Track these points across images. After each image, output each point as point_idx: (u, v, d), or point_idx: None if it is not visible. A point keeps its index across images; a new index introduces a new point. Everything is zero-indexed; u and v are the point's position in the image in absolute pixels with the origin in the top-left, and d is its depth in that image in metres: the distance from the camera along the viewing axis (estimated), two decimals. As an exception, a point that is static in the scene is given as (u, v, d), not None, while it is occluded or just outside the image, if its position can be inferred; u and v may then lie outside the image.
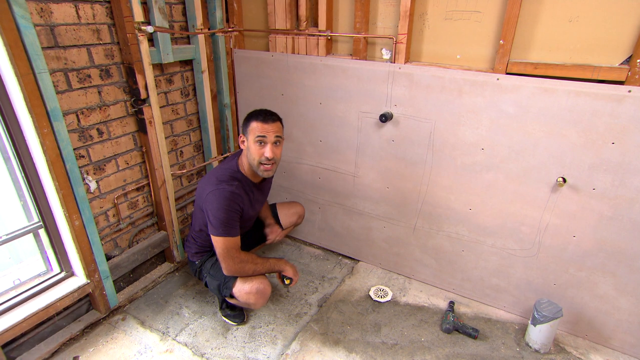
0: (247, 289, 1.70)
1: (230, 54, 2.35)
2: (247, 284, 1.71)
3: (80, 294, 1.85)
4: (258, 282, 1.72)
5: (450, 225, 2.03)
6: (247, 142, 1.67)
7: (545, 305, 1.76)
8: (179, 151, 2.32)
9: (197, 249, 1.89)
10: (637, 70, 1.43)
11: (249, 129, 1.65)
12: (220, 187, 1.63)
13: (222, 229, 1.60)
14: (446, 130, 1.84)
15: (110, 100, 1.85)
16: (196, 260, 1.90)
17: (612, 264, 1.69)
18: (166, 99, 2.15)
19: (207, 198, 1.64)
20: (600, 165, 1.57)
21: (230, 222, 1.62)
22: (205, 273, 1.86)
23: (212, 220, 1.62)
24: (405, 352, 1.81)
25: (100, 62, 1.78)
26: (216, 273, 1.79)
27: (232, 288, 1.72)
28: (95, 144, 1.85)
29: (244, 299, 1.72)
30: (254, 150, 1.64)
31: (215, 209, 1.60)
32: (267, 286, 1.74)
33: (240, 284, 1.71)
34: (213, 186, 1.64)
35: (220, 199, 1.60)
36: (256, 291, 1.71)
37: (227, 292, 1.75)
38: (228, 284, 1.74)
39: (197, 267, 1.90)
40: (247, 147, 1.68)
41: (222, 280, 1.76)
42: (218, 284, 1.77)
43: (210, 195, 1.62)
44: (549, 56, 1.58)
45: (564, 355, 1.81)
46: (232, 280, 1.73)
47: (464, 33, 1.72)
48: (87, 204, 1.76)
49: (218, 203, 1.60)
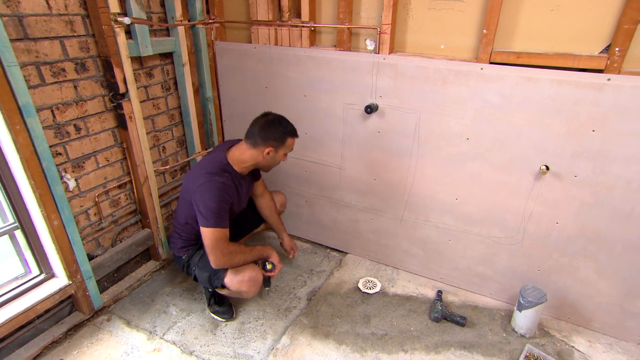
0: (240, 277, 1.69)
1: (211, 46, 2.29)
2: (239, 272, 1.70)
3: (62, 295, 1.79)
4: (249, 270, 1.71)
5: (436, 215, 2.04)
6: (274, 154, 1.73)
7: (530, 291, 1.80)
8: (162, 147, 2.26)
9: (182, 244, 1.86)
10: (616, 58, 1.46)
11: (285, 145, 1.73)
12: (212, 178, 1.63)
13: (213, 219, 1.59)
14: (431, 120, 1.85)
15: (87, 95, 1.79)
16: (182, 255, 1.87)
17: (593, 249, 1.74)
18: (146, 94, 2.09)
19: (197, 189, 1.63)
20: (581, 153, 1.60)
21: (221, 213, 1.62)
22: (193, 267, 1.83)
23: (202, 211, 1.60)
24: (395, 342, 1.82)
25: (75, 55, 1.71)
26: (205, 265, 1.76)
27: (223, 278, 1.70)
28: (72, 141, 1.78)
29: (236, 288, 1.71)
30: (280, 159, 1.78)
31: (207, 200, 1.59)
32: (258, 274, 1.74)
33: (232, 274, 1.70)
34: (204, 178, 1.64)
35: (211, 190, 1.61)
36: (248, 279, 1.70)
37: (218, 282, 1.73)
38: (219, 274, 1.72)
39: (184, 262, 1.87)
40: (272, 157, 1.74)
41: (212, 271, 1.73)
42: (208, 275, 1.75)
43: (201, 187, 1.62)
44: (532, 45, 1.60)
45: (548, 338, 1.85)
46: (223, 270, 1.71)
47: (448, 23, 1.72)
48: (66, 203, 1.70)
49: (209, 194, 1.60)
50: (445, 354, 1.76)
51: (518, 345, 1.80)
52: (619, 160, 1.55)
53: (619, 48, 1.43)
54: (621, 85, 1.44)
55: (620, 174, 1.57)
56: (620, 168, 1.56)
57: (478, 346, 1.80)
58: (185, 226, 1.82)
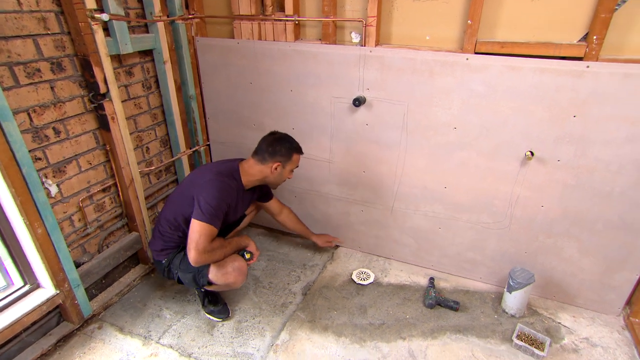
0: (223, 270, 1.71)
1: (192, 42, 2.23)
2: (222, 265, 1.72)
3: (50, 306, 1.73)
4: (231, 260, 1.74)
5: (426, 204, 2.09)
6: (282, 170, 1.80)
7: (519, 272, 1.87)
8: (145, 147, 2.20)
9: (162, 245, 1.82)
10: (594, 46, 1.52)
11: (292, 161, 1.81)
12: (220, 178, 1.69)
13: (208, 215, 1.60)
14: (419, 111, 1.88)
15: (65, 96, 1.71)
16: (162, 259, 1.83)
17: (576, 229, 1.82)
18: (127, 93, 2.02)
19: (204, 184, 1.66)
20: (563, 138, 1.66)
21: (218, 212, 1.63)
22: (175, 270, 1.80)
23: (202, 205, 1.61)
24: (393, 330, 1.86)
25: (51, 55, 1.63)
26: (187, 266, 1.74)
27: (207, 275, 1.71)
28: (52, 145, 1.70)
29: (224, 281, 1.72)
30: (287, 175, 1.85)
31: (211, 196, 1.62)
32: (241, 263, 1.76)
33: (215, 268, 1.71)
34: (213, 175, 1.69)
35: (217, 188, 1.65)
36: (232, 270, 1.72)
37: (203, 280, 1.72)
38: (203, 272, 1.72)
39: (164, 267, 1.83)
40: (279, 173, 1.80)
41: (195, 270, 1.73)
42: (192, 275, 1.74)
43: (209, 182, 1.66)
44: (514, 35, 1.64)
45: (536, 317, 1.94)
46: (206, 267, 1.71)
47: (433, 14, 1.74)
48: (50, 210, 1.63)
49: (214, 190, 1.64)
50: (442, 339, 1.81)
51: (509, 325, 1.88)
52: (598, 144, 1.62)
53: (597, 36, 1.49)
54: (599, 72, 1.51)
55: (599, 157, 1.64)
56: (600, 151, 1.63)
57: (472, 329, 1.86)
58: (171, 223, 1.78)
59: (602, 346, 1.78)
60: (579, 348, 1.77)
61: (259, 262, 2.34)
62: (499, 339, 1.81)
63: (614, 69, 1.48)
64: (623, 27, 1.49)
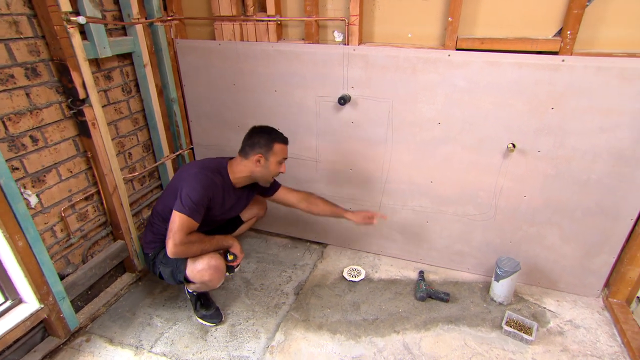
0: (200, 266, 1.67)
1: (172, 44, 2.19)
2: (199, 262, 1.68)
3: (34, 321, 1.66)
4: (208, 257, 1.69)
5: (413, 199, 2.12)
6: (266, 162, 1.73)
7: (506, 261, 1.93)
8: (127, 153, 2.14)
9: (151, 237, 1.81)
10: (568, 41, 1.58)
11: (273, 151, 1.71)
12: (205, 172, 1.68)
13: (188, 207, 1.59)
14: (404, 108, 1.91)
15: (41, 102, 1.65)
16: (149, 252, 1.82)
17: (557, 217, 1.90)
18: (107, 98, 1.96)
19: (188, 177, 1.66)
20: (543, 130, 1.73)
21: (199, 207, 1.61)
22: (158, 264, 1.79)
23: (183, 197, 1.60)
24: (386, 324, 1.89)
25: (24, 60, 1.56)
26: (167, 261, 1.74)
27: (184, 271, 1.69)
28: (30, 154, 1.64)
29: (199, 278, 1.69)
30: (274, 168, 1.75)
31: (192, 188, 1.61)
32: (218, 261, 1.71)
33: (192, 264, 1.68)
34: (198, 169, 1.69)
35: (199, 181, 1.64)
36: (208, 267, 1.68)
37: (180, 275, 1.71)
38: (180, 267, 1.70)
39: (150, 260, 1.83)
40: (264, 165, 1.73)
41: (174, 265, 1.72)
42: (171, 270, 1.73)
43: (193, 176, 1.65)
44: (493, 31, 1.69)
45: (523, 303, 2.00)
46: (184, 262, 1.69)
47: (414, 12, 1.77)
48: (31, 221, 1.56)
49: (196, 184, 1.63)
50: (435, 330, 1.85)
51: (498, 313, 1.94)
52: (575, 134, 1.69)
53: (570, 31, 1.56)
54: (574, 66, 1.58)
55: (576, 147, 1.72)
56: (577, 141, 1.71)
57: (463, 318, 1.91)
58: (160, 216, 1.77)
59: (584, 327, 1.86)
60: (563, 330, 1.84)
61: (249, 264, 2.32)
62: (489, 326, 1.86)
63: (588, 62, 1.55)
64: (594, 22, 1.56)
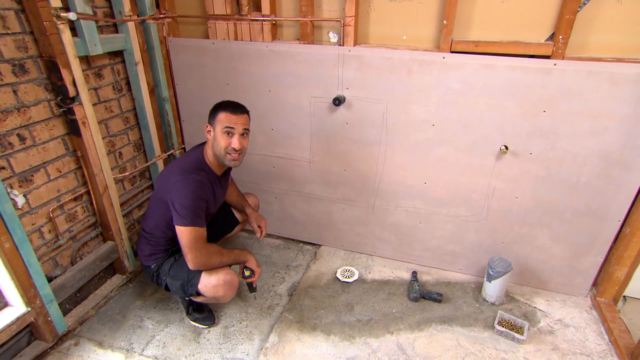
0: (214, 281, 1.63)
1: (164, 42, 2.16)
2: (213, 277, 1.63)
3: (20, 325, 1.61)
4: (224, 273, 1.65)
5: (407, 200, 2.13)
6: (213, 132, 1.62)
7: (497, 262, 1.95)
8: (118, 153, 2.10)
9: (151, 250, 1.75)
10: (560, 45, 1.61)
11: (217, 120, 1.60)
12: (187, 176, 1.58)
13: (189, 218, 1.53)
14: (398, 109, 1.91)
15: (29, 100, 1.60)
16: (151, 265, 1.76)
17: (548, 218, 1.93)
18: (97, 96, 1.92)
19: (173, 187, 1.56)
20: (535, 132, 1.76)
21: (198, 211, 1.56)
22: (163, 276, 1.73)
23: (178, 209, 1.53)
24: (380, 325, 1.89)
25: (11, 56, 1.52)
26: (177, 273, 1.68)
27: (197, 285, 1.63)
28: (17, 153, 1.59)
29: (212, 294, 1.65)
30: (221, 140, 1.60)
31: (183, 197, 1.53)
32: (234, 276, 1.68)
33: (206, 279, 1.63)
34: (179, 175, 1.58)
35: (188, 187, 1.55)
36: (224, 283, 1.64)
37: (192, 289, 1.65)
38: (192, 281, 1.64)
39: (153, 272, 1.76)
40: (213, 137, 1.63)
41: (185, 278, 1.66)
42: (181, 283, 1.67)
43: (177, 184, 1.56)
44: (488, 34, 1.71)
45: (514, 303, 2.03)
46: (196, 276, 1.64)
47: (409, 14, 1.78)
48: (18, 222, 1.52)
49: (186, 191, 1.54)
50: (428, 330, 1.86)
51: (490, 313, 1.96)
52: (566, 137, 1.73)
53: (562, 36, 1.58)
54: (565, 70, 1.61)
55: (567, 149, 1.75)
56: (568, 144, 1.74)
57: (456, 319, 1.92)
58: (154, 230, 1.72)
59: (573, 326, 1.90)
60: (554, 329, 1.87)
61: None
62: (482, 326, 1.88)
63: (579, 66, 1.58)
64: (585, 28, 1.59)
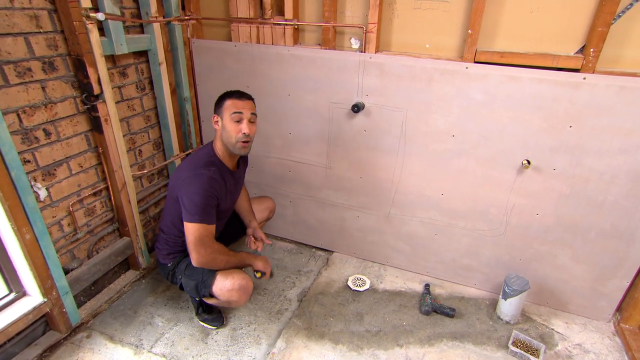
0: (229, 285, 1.62)
1: (187, 44, 2.20)
2: (229, 280, 1.63)
3: (36, 315, 1.66)
4: (240, 278, 1.65)
5: (423, 211, 2.09)
6: (222, 122, 1.62)
7: (514, 279, 1.89)
8: (138, 150, 2.14)
9: (168, 250, 1.77)
10: (591, 58, 1.55)
11: (224, 107, 1.60)
12: (197, 172, 1.58)
13: (198, 214, 1.53)
14: (418, 118, 1.88)
15: (57, 96, 1.65)
16: (168, 263, 1.78)
17: (570, 237, 1.85)
18: (120, 94, 1.96)
19: (182, 183, 1.57)
20: (559, 148, 1.69)
21: (207, 208, 1.55)
22: (179, 275, 1.74)
23: (187, 205, 1.54)
24: (390, 337, 1.85)
25: (42, 54, 1.57)
26: (192, 273, 1.69)
27: (211, 286, 1.63)
28: (42, 147, 1.64)
29: (226, 297, 1.64)
30: (230, 127, 1.59)
31: (192, 194, 1.54)
32: (249, 282, 1.68)
33: (221, 281, 1.63)
34: (189, 172, 1.59)
35: (197, 183, 1.55)
36: (239, 287, 1.63)
37: (206, 291, 1.65)
38: (207, 282, 1.64)
39: (169, 270, 1.78)
40: (222, 126, 1.62)
41: (199, 279, 1.66)
42: (195, 283, 1.67)
43: (187, 180, 1.56)
44: (514, 45, 1.67)
45: (530, 323, 1.96)
46: (211, 278, 1.64)
47: (433, 23, 1.75)
48: (39, 215, 1.57)
49: (195, 187, 1.54)
50: (439, 345, 1.81)
51: (505, 332, 1.89)
52: (593, 154, 1.66)
53: (594, 49, 1.52)
54: (595, 84, 1.54)
55: (594, 167, 1.68)
56: (594, 161, 1.67)
57: (468, 335, 1.87)
58: (171, 229, 1.74)
59: (594, 352, 1.81)
60: (572, 354, 1.79)
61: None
62: (495, 345, 1.82)
63: (610, 81, 1.52)
64: (619, 41, 1.53)
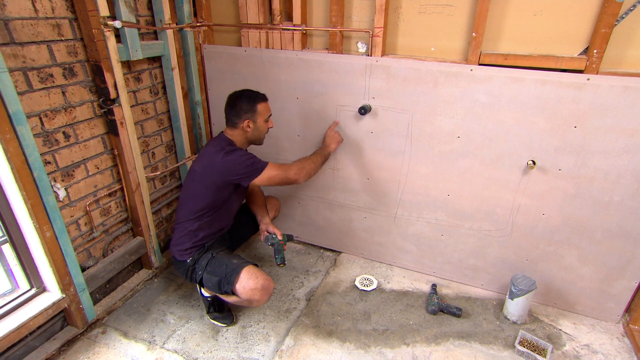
0: (253, 284, 1.66)
1: (199, 49, 2.27)
2: (252, 280, 1.67)
3: (55, 310, 1.73)
4: (263, 278, 1.70)
5: (429, 211, 2.12)
6: (254, 124, 1.78)
7: (521, 279, 1.90)
8: (151, 152, 2.21)
9: (189, 245, 1.79)
10: (594, 60, 1.57)
11: (258, 112, 1.76)
12: (227, 149, 1.72)
13: (259, 165, 1.71)
14: (423, 120, 1.92)
15: (75, 101, 1.73)
16: (187, 259, 1.80)
17: (576, 237, 1.86)
18: (135, 98, 2.04)
19: (224, 160, 1.69)
20: (564, 148, 1.71)
21: (257, 159, 1.74)
22: (200, 271, 1.77)
23: (247, 170, 1.70)
24: (397, 336, 1.88)
25: (63, 60, 1.65)
26: (215, 269, 1.73)
27: (234, 284, 1.67)
28: (62, 149, 1.72)
29: (248, 296, 1.67)
30: (263, 126, 1.81)
31: (242, 161, 1.69)
32: (271, 283, 1.73)
33: (245, 280, 1.66)
34: (221, 152, 1.71)
35: (236, 153, 1.71)
36: (262, 287, 1.68)
37: (228, 287, 1.68)
38: (230, 279, 1.68)
39: (189, 266, 1.79)
40: (254, 127, 1.79)
41: (223, 275, 1.69)
42: (218, 279, 1.70)
43: (226, 156, 1.69)
44: (517, 47, 1.69)
45: (537, 323, 1.96)
46: (235, 275, 1.67)
47: (438, 26, 1.79)
48: (59, 214, 1.64)
49: (237, 155, 1.70)
50: (445, 345, 1.83)
51: (511, 331, 1.90)
52: (598, 154, 1.67)
53: (597, 50, 1.54)
54: (599, 85, 1.56)
55: (599, 167, 1.69)
56: (599, 161, 1.68)
57: (475, 335, 1.88)
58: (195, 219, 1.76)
59: (602, 353, 1.81)
60: (580, 355, 1.79)
61: (262, 267, 2.35)
62: (502, 345, 1.83)
63: (614, 82, 1.54)
64: (622, 42, 1.55)
